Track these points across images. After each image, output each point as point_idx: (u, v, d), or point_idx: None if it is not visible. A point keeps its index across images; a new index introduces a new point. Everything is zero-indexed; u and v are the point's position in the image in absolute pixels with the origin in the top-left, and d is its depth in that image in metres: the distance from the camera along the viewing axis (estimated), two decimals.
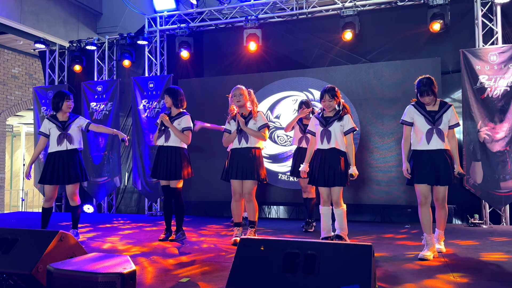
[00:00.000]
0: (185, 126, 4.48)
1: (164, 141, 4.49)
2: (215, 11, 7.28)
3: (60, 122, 4.60)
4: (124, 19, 9.42)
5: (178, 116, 4.54)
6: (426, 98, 3.67)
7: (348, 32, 6.30)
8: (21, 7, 8.19)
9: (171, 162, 4.44)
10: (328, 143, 4.06)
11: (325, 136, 4.08)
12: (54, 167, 4.48)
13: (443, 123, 3.67)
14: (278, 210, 7.03)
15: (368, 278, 2.09)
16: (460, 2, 6.15)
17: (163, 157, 4.48)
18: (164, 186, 4.59)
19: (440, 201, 3.73)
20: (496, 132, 5.62)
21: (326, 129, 4.08)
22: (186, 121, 4.50)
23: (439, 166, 3.62)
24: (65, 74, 8.40)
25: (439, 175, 3.62)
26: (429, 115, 3.70)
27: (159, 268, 3.33)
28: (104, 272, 2.06)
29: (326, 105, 4.10)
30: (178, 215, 4.56)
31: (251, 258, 2.33)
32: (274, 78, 6.74)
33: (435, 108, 3.72)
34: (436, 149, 3.66)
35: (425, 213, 3.69)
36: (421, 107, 3.75)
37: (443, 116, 3.68)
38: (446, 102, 3.76)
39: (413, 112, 3.78)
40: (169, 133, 4.46)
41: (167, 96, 4.56)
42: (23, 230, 2.83)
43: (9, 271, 2.60)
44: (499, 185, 5.57)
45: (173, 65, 7.68)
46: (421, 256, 3.53)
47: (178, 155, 4.46)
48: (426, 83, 3.64)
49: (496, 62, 5.66)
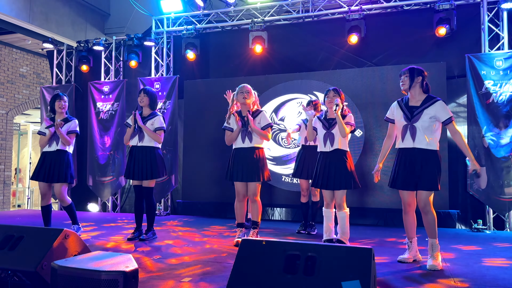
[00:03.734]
0: (158, 126, 4.56)
1: (138, 141, 4.53)
2: (221, 13, 7.33)
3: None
4: (132, 20, 9.49)
5: (151, 116, 4.60)
6: (402, 77, 3.50)
7: (353, 35, 6.31)
8: (30, 7, 8.28)
9: (146, 162, 4.48)
10: (331, 145, 4.06)
11: (328, 138, 4.08)
12: (42, 165, 4.65)
13: (421, 120, 3.38)
14: (282, 212, 7.04)
15: (368, 281, 2.10)
16: (466, 7, 6.15)
17: (138, 157, 4.51)
18: (136, 186, 4.62)
19: (422, 207, 3.41)
20: (501, 137, 5.61)
21: (329, 132, 4.08)
22: (159, 121, 4.59)
23: (420, 168, 3.37)
24: (72, 74, 8.47)
25: (418, 178, 3.37)
26: (409, 110, 3.47)
27: (161, 268, 3.36)
28: (107, 270, 2.09)
29: (329, 101, 4.08)
30: (150, 214, 4.61)
31: (252, 259, 2.36)
32: (279, 80, 6.76)
33: (418, 104, 3.47)
34: (412, 148, 3.40)
35: (406, 219, 3.55)
36: (404, 103, 3.54)
37: (423, 111, 3.39)
38: (433, 97, 3.46)
39: (395, 108, 3.61)
40: (143, 133, 4.51)
41: (146, 96, 4.59)
42: (28, 227, 2.87)
43: (14, 268, 2.63)
44: (503, 191, 5.55)
45: (179, 66, 7.73)
46: (401, 259, 3.57)
47: (153, 155, 4.53)
48: (405, 69, 3.52)
49: (501, 67, 5.65)
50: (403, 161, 3.47)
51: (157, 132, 4.54)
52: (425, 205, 3.40)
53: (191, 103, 7.29)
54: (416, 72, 3.48)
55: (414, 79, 3.47)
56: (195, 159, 7.13)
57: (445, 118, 3.40)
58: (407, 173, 3.43)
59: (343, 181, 3.98)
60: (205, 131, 7.07)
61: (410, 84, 3.48)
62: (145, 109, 4.65)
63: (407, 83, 3.49)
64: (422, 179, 3.36)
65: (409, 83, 3.48)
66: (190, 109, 7.29)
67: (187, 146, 7.26)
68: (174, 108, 7.32)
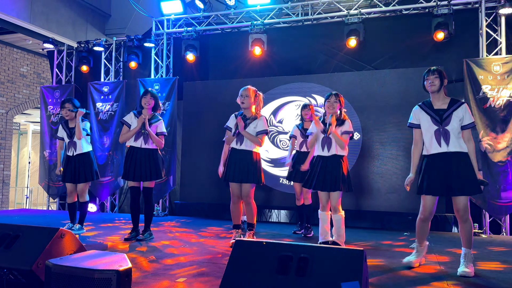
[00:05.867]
0: (161, 131, 4.66)
1: (143, 143, 4.56)
2: (221, 15, 7.36)
3: (69, 129, 5.01)
4: (132, 21, 9.53)
5: (155, 120, 4.67)
6: (430, 76, 3.36)
7: (352, 39, 6.34)
8: (31, 7, 8.32)
9: (149, 163, 4.54)
10: (328, 151, 4.07)
11: (326, 144, 4.08)
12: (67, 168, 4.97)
13: (452, 123, 3.27)
14: (279, 214, 7.06)
15: (359, 283, 2.12)
16: (465, 12, 6.18)
17: (139, 159, 4.54)
18: (133, 187, 4.62)
19: (461, 213, 3.26)
20: (498, 142, 5.63)
21: (328, 137, 4.08)
22: (162, 126, 4.70)
23: (455, 172, 3.22)
24: (72, 74, 8.51)
25: (454, 183, 3.22)
26: (437, 114, 3.34)
27: (157, 268, 3.38)
28: (101, 269, 2.11)
29: (330, 106, 4.08)
30: (148, 215, 4.69)
31: (245, 260, 2.38)
32: (278, 83, 6.79)
33: (444, 106, 3.34)
34: (447, 152, 3.27)
35: (423, 226, 3.46)
36: (428, 107, 3.42)
37: (452, 114, 3.29)
38: (458, 100, 3.39)
39: (419, 112, 3.46)
40: (147, 136, 4.55)
41: (152, 99, 4.62)
42: (25, 226, 2.89)
43: (9, 266, 2.65)
44: (500, 195, 5.57)
45: (178, 67, 7.76)
46: (407, 261, 3.54)
47: (155, 156, 4.62)
48: (433, 68, 3.42)
49: (499, 72, 5.68)
50: (437, 166, 3.30)
51: (159, 137, 4.62)
52: (465, 212, 3.27)
53: (190, 105, 7.32)
54: (444, 74, 3.42)
55: (443, 81, 3.40)
56: (193, 160, 7.15)
57: (468, 122, 3.31)
58: (442, 179, 3.26)
59: (339, 183, 4.00)
60: (203, 132, 7.09)
61: (440, 85, 3.38)
62: (146, 110, 4.63)
63: (438, 84, 3.37)
64: (462, 183, 3.21)
65: (439, 84, 3.37)
66: (189, 111, 7.32)
67: (185, 147, 7.28)
68: (173, 109, 7.35)
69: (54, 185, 8.12)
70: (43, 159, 8.24)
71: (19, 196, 13.12)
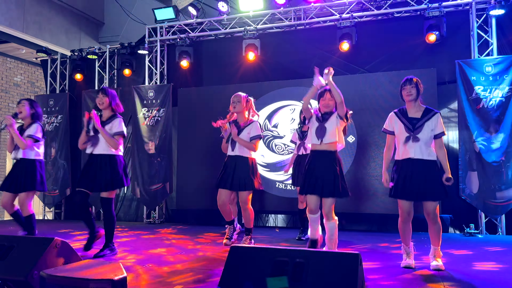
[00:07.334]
0: (116, 131, 4.02)
1: (92, 148, 4.05)
2: (214, 21, 7.38)
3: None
4: (126, 29, 9.53)
5: (110, 119, 4.08)
6: (407, 87, 3.46)
7: (345, 42, 6.38)
8: (24, 17, 8.31)
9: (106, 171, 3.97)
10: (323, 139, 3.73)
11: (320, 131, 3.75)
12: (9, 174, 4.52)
13: (423, 132, 3.42)
14: (276, 219, 7.06)
15: (355, 286, 2.12)
16: (456, 14, 6.23)
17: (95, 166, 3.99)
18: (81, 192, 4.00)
19: (431, 216, 3.44)
20: (492, 142, 5.66)
21: (322, 125, 3.77)
22: (117, 125, 4.04)
23: (422, 179, 3.38)
24: (67, 83, 8.50)
25: (423, 189, 3.37)
26: (410, 122, 3.48)
27: (154, 276, 3.36)
28: (95, 278, 2.11)
29: (325, 104, 3.82)
30: (109, 228, 4.08)
31: (241, 265, 2.38)
32: (272, 87, 6.81)
33: (418, 115, 3.49)
34: (415, 159, 3.41)
35: (405, 228, 3.55)
36: (402, 114, 3.54)
37: (425, 124, 3.44)
38: (431, 110, 3.52)
39: (394, 119, 3.58)
40: (98, 139, 4.01)
41: (105, 96, 4.08)
42: (19, 237, 2.88)
43: (4, 277, 2.64)
44: (495, 195, 5.59)
45: (173, 74, 7.77)
46: (405, 264, 3.57)
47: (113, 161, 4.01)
48: (410, 78, 3.50)
49: (491, 72, 5.72)
50: (406, 172, 3.44)
51: (115, 138, 4.01)
52: (434, 216, 3.44)
53: (185, 111, 7.32)
54: (420, 84, 3.52)
55: (420, 90, 3.50)
56: (189, 166, 7.14)
57: (439, 131, 3.47)
58: (411, 184, 3.41)
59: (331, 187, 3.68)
60: (199, 138, 7.09)
61: (417, 95, 3.50)
62: (105, 112, 4.12)
63: (415, 94, 3.49)
64: (429, 190, 3.38)
65: (416, 94, 3.49)
66: (184, 117, 7.32)
67: (181, 154, 7.27)
68: (168, 116, 7.35)
69: (50, 194, 8.08)
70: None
71: None
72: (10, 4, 8.00)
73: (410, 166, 3.44)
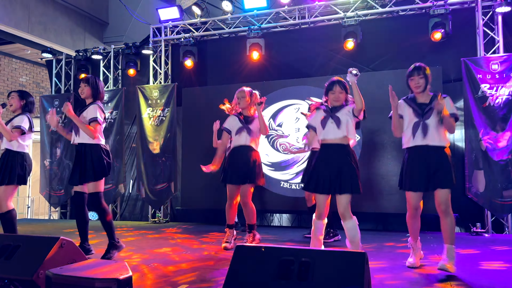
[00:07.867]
0: (90, 117, 3.79)
1: (74, 136, 3.88)
2: (218, 21, 7.38)
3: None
4: (130, 28, 9.56)
5: (87, 107, 3.89)
6: (415, 77, 3.33)
7: (350, 41, 6.35)
8: (29, 18, 8.35)
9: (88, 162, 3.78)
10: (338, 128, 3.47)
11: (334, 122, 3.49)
12: None
13: (433, 116, 3.27)
14: (281, 218, 7.04)
15: (361, 286, 2.11)
16: (461, 11, 6.18)
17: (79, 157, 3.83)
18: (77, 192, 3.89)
19: (443, 207, 3.21)
20: (498, 140, 5.61)
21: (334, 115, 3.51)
22: (92, 111, 3.79)
23: (433, 166, 3.23)
24: (71, 83, 8.53)
25: (435, 177, 3.21)
26: (419, 107, 3.35)
27: (159, 275, 3.36)
28: (101, 278, 2.10)
29: (335, 98, 3.51)
30: (107, 224, 3.87)
31: (246, 265, 2.36)
32: (277, 86, 6.79)
33: (427, 101, 3.35)
34: (426, 145, 3.25)
35: (413, 223, 3.44)
36: (411, 101, 3.42)
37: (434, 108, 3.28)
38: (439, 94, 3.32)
39: (403, 105, 3.43)
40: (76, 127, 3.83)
41: (86, 86, 3.90)
42: (25, 236, 2.89)
43: (10, 277, 2.64)
44: (502, 194, 5.55)
45: (177, 74, 7.78)
46: (409, 264, 3.51)
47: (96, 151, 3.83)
48: (418, 65, 3.37)
49: (497, 71, 5.67)
50: (415, 160, 3.31)
51: (91, 125, 3.79)
52: (447, 207, 3.22)
53: (189, 110, 7.32)
54: (428, 72, 3.37)
55: (428, 80, 3.37)
56: (194, 166, 7.11)
57: (451, 111, 3.28)
58: (420, 174, 3.26)
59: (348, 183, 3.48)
60: (203, 138, 7.07)
61: (426, 85, 3.37)
62: (88, 101, 3.96)
63: (423, 85, 3.36)
64: (439, 177, 3.21)
65: (424, 84, 3.36)
66: (188, 116, 7.32)
67: (185, 153, 7.27)
68: (173, 116, 7.35)
69: (55, 194, 8.12)
70: (43, 168, 8.26)
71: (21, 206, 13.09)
72: (15, 5, 8.04)
73: (419, 154, 3.29)
